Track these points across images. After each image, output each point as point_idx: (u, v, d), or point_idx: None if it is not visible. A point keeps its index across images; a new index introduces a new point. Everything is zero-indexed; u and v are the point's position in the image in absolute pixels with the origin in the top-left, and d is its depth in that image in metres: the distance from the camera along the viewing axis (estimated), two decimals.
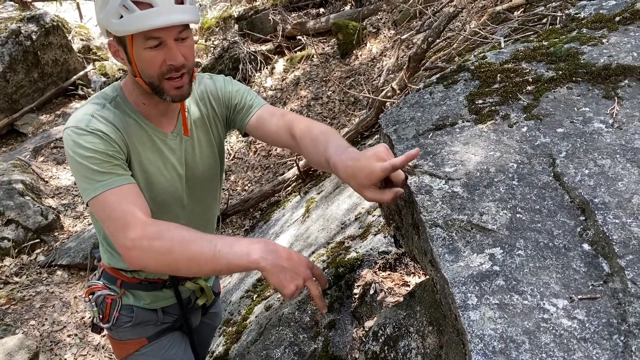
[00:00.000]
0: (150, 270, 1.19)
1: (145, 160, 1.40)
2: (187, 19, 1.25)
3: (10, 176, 5.67)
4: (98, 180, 1.24)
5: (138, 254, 1.17)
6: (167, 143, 1.44)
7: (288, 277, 1.11)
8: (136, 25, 1.20)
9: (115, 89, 1.42)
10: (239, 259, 1.12)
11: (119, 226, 1.20)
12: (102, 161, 1.25)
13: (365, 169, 1.08)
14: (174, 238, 1.16)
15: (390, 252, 2.21)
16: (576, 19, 1.71)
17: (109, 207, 1.23)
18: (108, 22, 1.23)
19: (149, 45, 1.24)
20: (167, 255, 1.15)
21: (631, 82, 1.26)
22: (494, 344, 0.82)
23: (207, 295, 1.77)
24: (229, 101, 1.54)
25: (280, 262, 1.12)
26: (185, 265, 1.17)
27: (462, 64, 1.51)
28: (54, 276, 4.79)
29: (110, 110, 1.34)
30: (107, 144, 1.28)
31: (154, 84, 1.31)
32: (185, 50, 1.29)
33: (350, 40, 6.57)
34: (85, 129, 1.27)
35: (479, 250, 0.97)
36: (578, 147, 1.12)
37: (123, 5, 1.19)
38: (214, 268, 1.16)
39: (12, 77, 7.45)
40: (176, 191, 1.48)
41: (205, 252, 1.13)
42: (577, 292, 0.87)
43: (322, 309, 1.23)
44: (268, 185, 5.20)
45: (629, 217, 0.95)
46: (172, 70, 1.28)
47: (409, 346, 1.43)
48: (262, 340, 2.16)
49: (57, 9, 10.58)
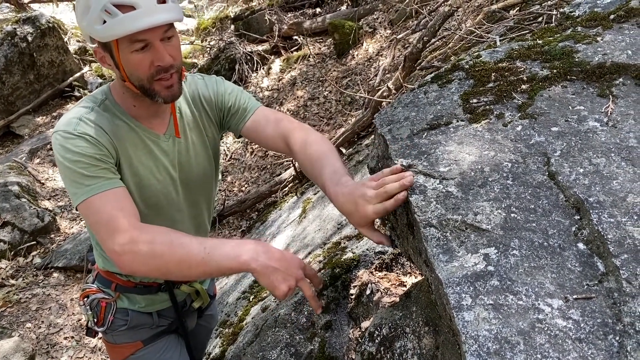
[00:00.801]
0: (141, 274, 1.18)
1: (136, 162, 1.38)
2: (172, 17, 1.23)
3: (6, 178, 5.65)
4: (86, 184, 1.23)
5: (128, 259, 1.16)
6: (160, 145, 1.42)
7: (280, 278, 1.11)
8: (120, 29, 1.17)
9: (104, 92, 1.39)
10: (229, 260, 1.12)
11: (108, 231, 1.19)
12: (89, 165, 1.24)
13: (360, 212, 1.13)
14: (163, 242, 1.15)
15: (386, 252, 2.21)
16: (571, 17, 1.70)
17: (98, 211, 1.22)
18: (91, 29, 1.21)
19: (135, 48, 1.22)
20: (157, 259, 1.15)
21: (626, 80, 1.25)
22: (488, 345, 0.81)
23: (202, 298, 1.76)
24: (222, 104, 1.51)
25: (272, 263, 1.11)
26: (175, 269, 1.16)
27: (457, 63, 1.50)
28: (51, 278, 4.78)
29: (99, 114, 1.32)
30: (95, 147, 1.26)
31: (144, 87, 1.29)
32: (171, 50, 1.27)
33: (347, 40, 6.57)
34: (72, 133, 1.25)
35: (473, 250, 0.96)
36: (573, 146, 1.11)
37: (105, 10, 1.16)
38: (204, 270, 1.15)
39: (8, 78, 7.42)
40: (169, 193, 1.47)
41: (195, 255, 1.12)
42: (572, 292, 0.86)
43: (317, 310, 1.22)
44: (265, 186, 5.20)
45: (624, 216, 0.94)
46: (161, 71, 1.26)
47: (405, 347, 1.42)
48: (259, 342, 2.15)
49: (53, 10, 10.54)
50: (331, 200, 1.22)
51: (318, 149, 1.35)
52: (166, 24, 1.23)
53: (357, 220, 1.16)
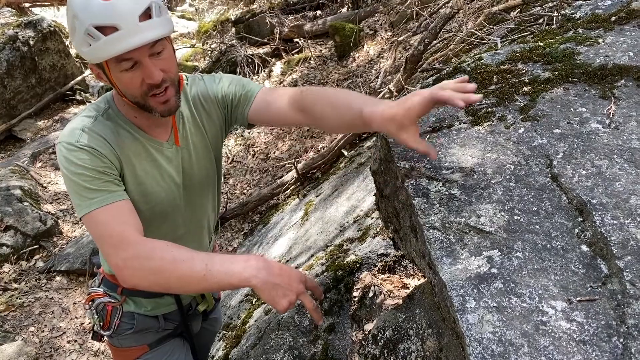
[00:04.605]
0: (143, 288, 1.19)
1: (140, 171, 1.37)
2: (156, 34, 1.18)
3: (9, 182, 5.66)
4: (90, 197, 1.22)
5: (130, 273, 1.17)
6: (163, 152, 1.42)
7: (280, 293, 1.12)
8: (105, 52, 1.16)
9: (107, 100, 1.38)
10: (229, 277, 1.12)
11: (111, 245, 1.19)
12: (93, 178, 1.23)
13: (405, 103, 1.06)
14: (165, 257, 1.15)
15: (389, 255, 2.21)
16: (572, 19, 1.71)
17: (101, 225, 1.22)
18: (80, 51, 1.20)
19: (123, 67, 1.20)
20: (158, 275, 1.15)
21: (627, 82, 1.25)
22: (492, 347, 0.82)
23: (207, 301, 1.76)
24: (223, 100, 1.50)
25: (272, 279, 1.11)
26: (176, 285, 1.17)
27: (459, 66, 1.51)
28: (53, 282, 4.78)
29: (102, 123, 1.32)
30: (97, 160, 1.25)
31: (139, 103, 1.28)
32: (163, 64, 1.24)
33: (348, 42, 6.57)
34: (75, 145, 1.24)
35: (476, 252, 0.97)
36: (575, 148, 1.11)
37: (88, 34, 1.14)
38: (204, 287, 1.16)
39: (9, 83, 7.43)
40: (174, 200, 1.47)
41: (196, 272, 1.13)
42: (575, 294, 0.87)
43: (318, 321, 1.23)
44: (267, 189, 5.20)
45: (627, 217, 0.94)
46: (153, 87, 1.24)
47: (408, 349, 1.42)
48: (262, 345, 2.15)
49: (55, 14, 10.56)
50: (370, 120, 1.13)
51: (337, 91, 1.31)
52: (149, 42, 1.19)
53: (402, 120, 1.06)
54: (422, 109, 1.07)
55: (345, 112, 1.23)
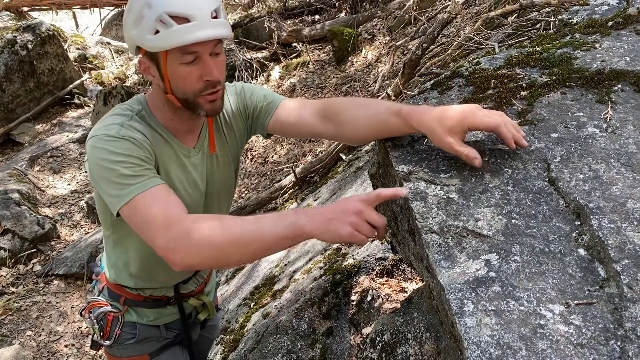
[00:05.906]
0: (198, 267, 1.13)
1: (172, 175, 1.36)
2: (224, 33, 1.22)
3: (7, 186, 5.65)
4: (130, 183, 1.18)
5: (182, 250, 1.11)
6: (190, 159, 1.41)
7: (337, 224, 1.03)
8: (174, 40, 1.17)
9: (139, 102, 1.37)
10: (284, 229, 1.06)
11: (158, 227, 1.13)
12: (134, 165, 1.20)
13: (464, 112, 1.09)
14: (214, 225, 1.11)
15: (387, 259, 2.21)
16: (569, 24, 1.72)
17: (145, 209, 1.17)
18: (142, 38, 1.20)
19: (185, 60, 1.21)
20: (210, 245, 1.10)
21: (624, 86, 1.26)
22: (490, 351, 0.82)
23: (209, 310, 1.76)
24: (245, 111, 1.50)
25: (325, 216, 1.05)
26: (231, 250, 1.10)
27: (456, 70, 1.51)
28: (51, 286, 4.77)
29: (138, 122, 1.30)
30: (139, 149, 1.23)
31: (188, 100, 1.27)
32: (219, 65, 1.26)
33: (346, 46, 6.59)
34: (115, 136, 1.22)
35: (474, 256, 0.97)
36: (572, 152, 1.12)
37: (160, 20, 1.15)
38: (260, 246, 1.09)
39: (8, 86, 7.43)
40: (196, 207, 1.45)
41: (250, 231, 1.08)
42: (573, 298, 0.87)
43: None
44: (265, 193, 5.20)
45: (624, 221, 0.95)
46: (209, 86, 1.25)
47: (406, 353, 1.42)
48: (260, 349, 2.15)
49: (53, 18, 10.59)
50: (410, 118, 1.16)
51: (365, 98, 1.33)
52: (218, 38, 1.22)
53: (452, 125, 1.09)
54: (480, 128, 1.12)
55: (378, 111, 1.25)
